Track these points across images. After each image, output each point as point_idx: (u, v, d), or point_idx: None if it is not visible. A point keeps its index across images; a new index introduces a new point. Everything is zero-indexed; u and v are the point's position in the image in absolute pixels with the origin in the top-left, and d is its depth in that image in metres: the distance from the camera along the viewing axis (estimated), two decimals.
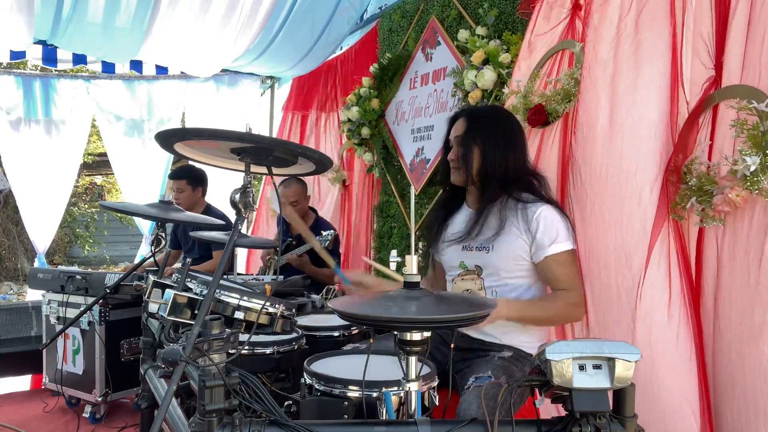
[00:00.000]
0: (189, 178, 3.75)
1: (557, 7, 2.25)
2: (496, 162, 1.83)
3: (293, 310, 1.58)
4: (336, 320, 2.31)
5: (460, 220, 1.98)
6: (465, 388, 1.66)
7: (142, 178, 5.36)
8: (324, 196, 4.79)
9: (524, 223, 1.78)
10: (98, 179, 11.56)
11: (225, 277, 2.31)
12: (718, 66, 1.68)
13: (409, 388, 1.28)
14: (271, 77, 5.33)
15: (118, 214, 10.82)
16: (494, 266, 1.84)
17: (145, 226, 5.55)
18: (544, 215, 1.77)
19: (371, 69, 3.78)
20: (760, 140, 1.50)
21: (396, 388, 1.45)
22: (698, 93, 1.73)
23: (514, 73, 2.42)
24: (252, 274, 3.74)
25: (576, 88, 2.04)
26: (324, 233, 3.50)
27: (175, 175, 3.80)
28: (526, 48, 2.37)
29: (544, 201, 1.82)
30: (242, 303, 1.48)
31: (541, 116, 2.17)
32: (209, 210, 3.83)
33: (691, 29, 1.75)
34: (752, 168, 1.49)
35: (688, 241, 1.77)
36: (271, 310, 1.51)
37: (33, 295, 4.17)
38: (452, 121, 1.99)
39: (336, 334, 2.25)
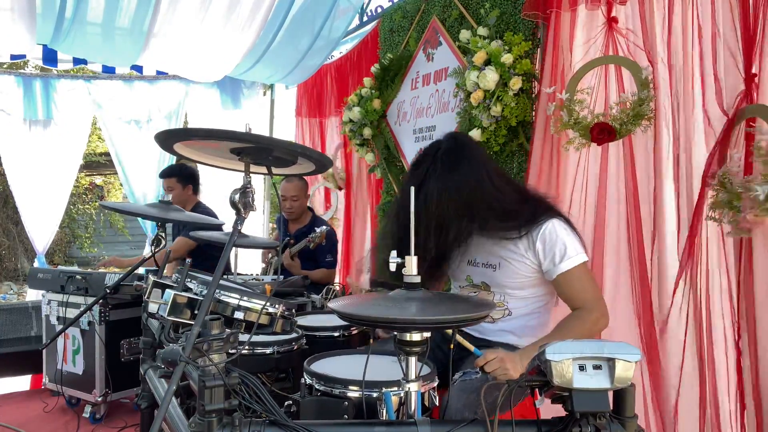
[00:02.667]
0: (178, 176, 3.86)
1: (589, 20, 2.26)
2: (465, 223, 1.70)
3: (293, 310, 1.57)
4: (336, 320, 2.30)
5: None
6: (451, 383, 1.66)
7: (144, 178, 5.36)
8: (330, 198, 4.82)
9: (527, 247, 1.74)
10: (98, 179, 11.56)
11: (225, 277, 2.31)
12: (748, 79, 1.71)
13: (409, 388, 1.28)
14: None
15: (117, 217, 10.86)
16: (500, 284, 1.85)
17: (149, 226, 5.54)
18: (548, 233, 1.72)
19: (372, 69, 3.78)
20: None
21: (396, 389, 1.45)
22: (732, 105, 1.77)
23: (560, 88, 2.33)
24: (252, 274, 3.74)
25: (649, 108, 2.04)
26: (317, 230, 3.51)
27: (164, 174, 3.92)
28: (567, 61, 2.31)
29: (546, 218, 1.74)
30: (242, 303, 1.48)
31: (610, 135, 2.13)
32: (198, 207, 3.86)
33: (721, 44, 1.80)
34: (761, 197, 1.53)
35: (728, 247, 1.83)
36: (271, 310, 1.50)
37: (33, 295, 4.17)
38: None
39: (336, 334, 2.24)
